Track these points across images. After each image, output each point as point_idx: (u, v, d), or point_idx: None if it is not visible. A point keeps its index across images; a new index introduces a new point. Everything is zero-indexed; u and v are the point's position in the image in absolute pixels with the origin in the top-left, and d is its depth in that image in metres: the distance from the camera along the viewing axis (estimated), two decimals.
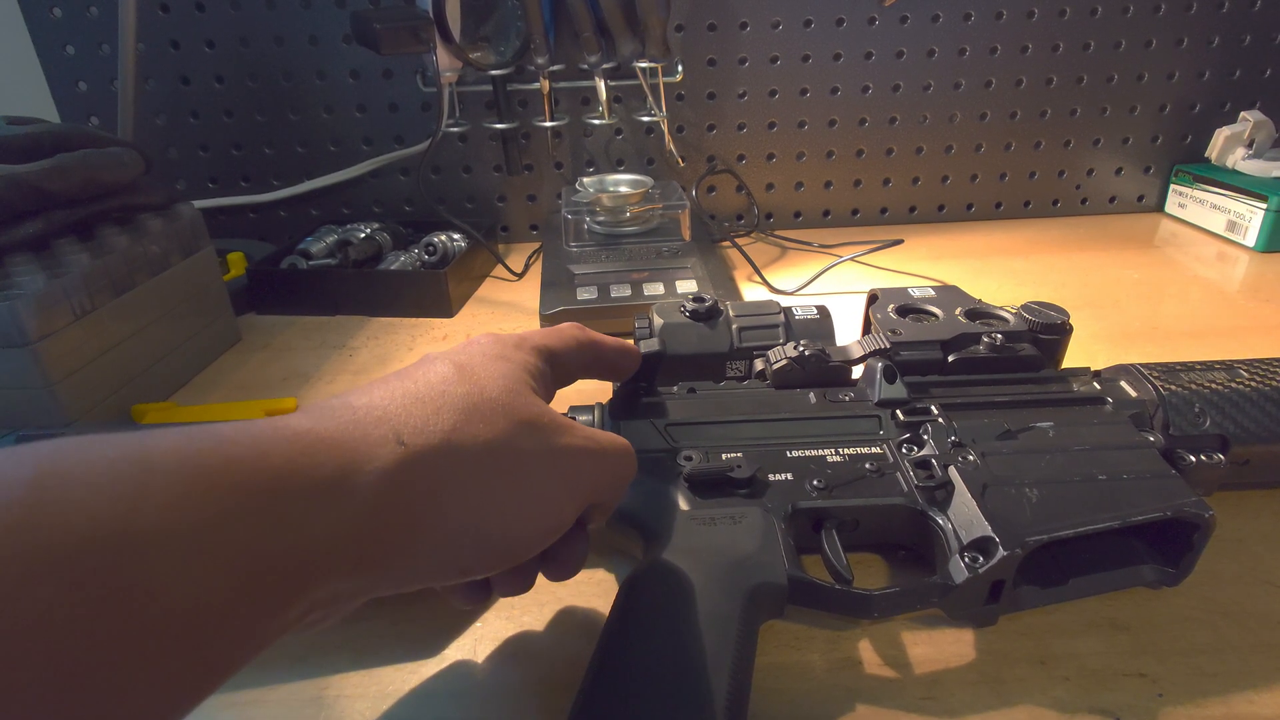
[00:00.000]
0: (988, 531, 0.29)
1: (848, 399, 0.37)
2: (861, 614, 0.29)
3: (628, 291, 0.60)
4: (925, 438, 0.34)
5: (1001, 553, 0.28)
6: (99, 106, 0.74)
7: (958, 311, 0.41)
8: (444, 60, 0.64)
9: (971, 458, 0.33)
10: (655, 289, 0.60)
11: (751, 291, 0.66)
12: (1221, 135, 0.77)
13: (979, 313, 0.41)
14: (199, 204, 0.60)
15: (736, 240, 0.74)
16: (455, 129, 0.75)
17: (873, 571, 0.34)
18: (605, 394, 0.39)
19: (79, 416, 0.44)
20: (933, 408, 0.36)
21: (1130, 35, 0.76)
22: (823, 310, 0.43)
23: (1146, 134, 0.81)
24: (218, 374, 0.56)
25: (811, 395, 0.38)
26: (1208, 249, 0.73)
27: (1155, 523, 0.30)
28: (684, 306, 0.42)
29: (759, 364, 0.40)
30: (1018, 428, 0.34)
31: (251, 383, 0.55)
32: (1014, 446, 0.34)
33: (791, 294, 0.64)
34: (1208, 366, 0.37)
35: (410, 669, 0.30)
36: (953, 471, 0.32)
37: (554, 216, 0.76)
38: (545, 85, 0.72)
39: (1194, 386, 0.36)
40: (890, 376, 0.37)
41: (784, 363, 0.38)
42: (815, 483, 0.33)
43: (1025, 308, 0.41)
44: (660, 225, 0.71)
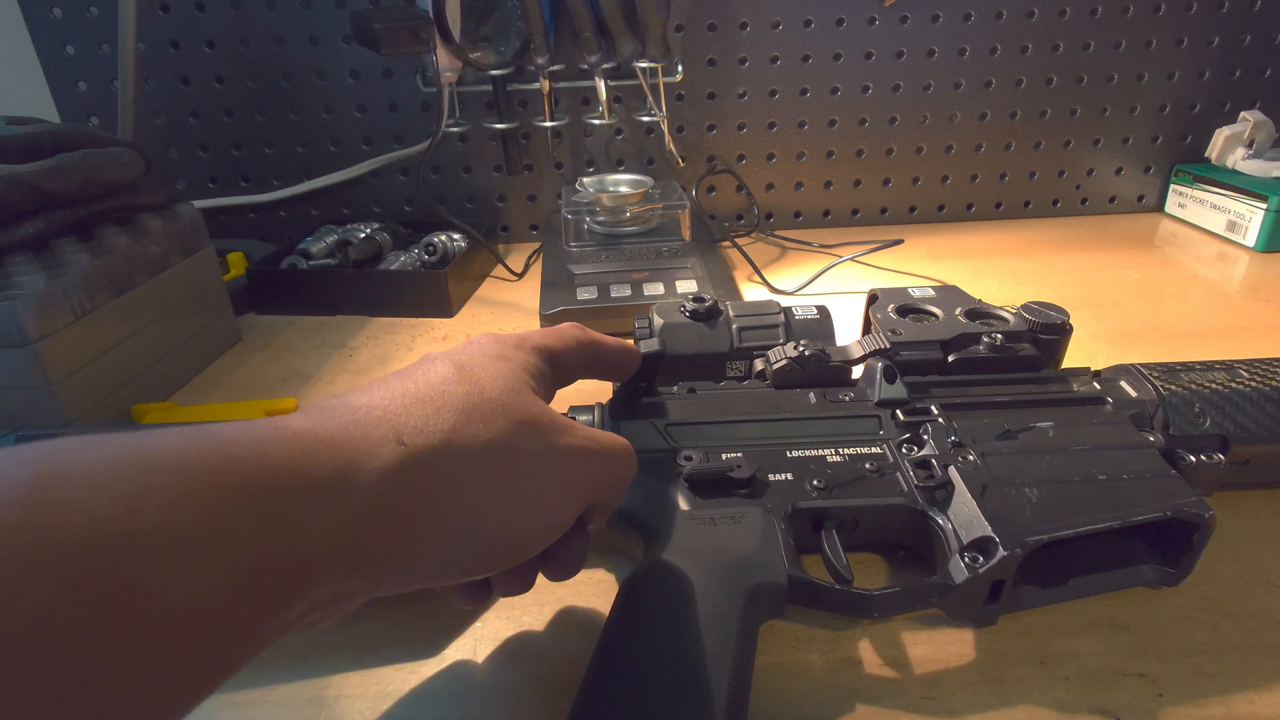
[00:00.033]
0: (988, 531, 0.29)
1: (848, 399, 0.37)
2: (861, 614, 0.29)
3: (628, 291, 0.60)
4: (925, 438, 0.34)
5: (1001, 553, 0.28)
6: (99, 106, 0.74)
7: (958, 311, 0.41)
8: (444, 60, 0.64)
9: (971, 458, 0.33)
10: (655, 289, 0.60)
11: (751, 291, 0.66)
12: (1221, 135, 0.77)
13: (979, 313, 0.41)
14: (199, 204, 0.60)
15: (736, 240, 0.74)
16: (455, 129, 0.75)
17: (873, 571, 0.34)
18: (605, 394, 0.39)
19: (79, 416, 0.44)
20: (933, 408, 0.36)
21: (1130, 35, 0.76)
22: (823, 310, 0.43)
23: (1146, 134, 0.81)
24: (218, 374, 0.56)
25: (811, 395, 0.38)
26: (1208, 249, 0.73)
27: (1155, 523, 0.30)
28: (684, 306, 0.42)
29: (759, 364, 0.40)
30: (1018, 428, 0.34)
31: (251, 383, 0.55)
32: (1014, 446, 0.34)
33: (791, 294, 0.64)
34: (1208, 366, 0.37)
35: (410, 669, 0.30)
36: (953, 471, 0.32)
37: (554, 216, 0.76)
38: (545, 85, 0.72)
39: (1194, 386, 0.36)
40: (890, 376, 0.37)
41: (784, 363, 0.38)
42: (815, 483, 0.33)
43: (1025, 308, 0.41)
44: (660, 225, 0.71)
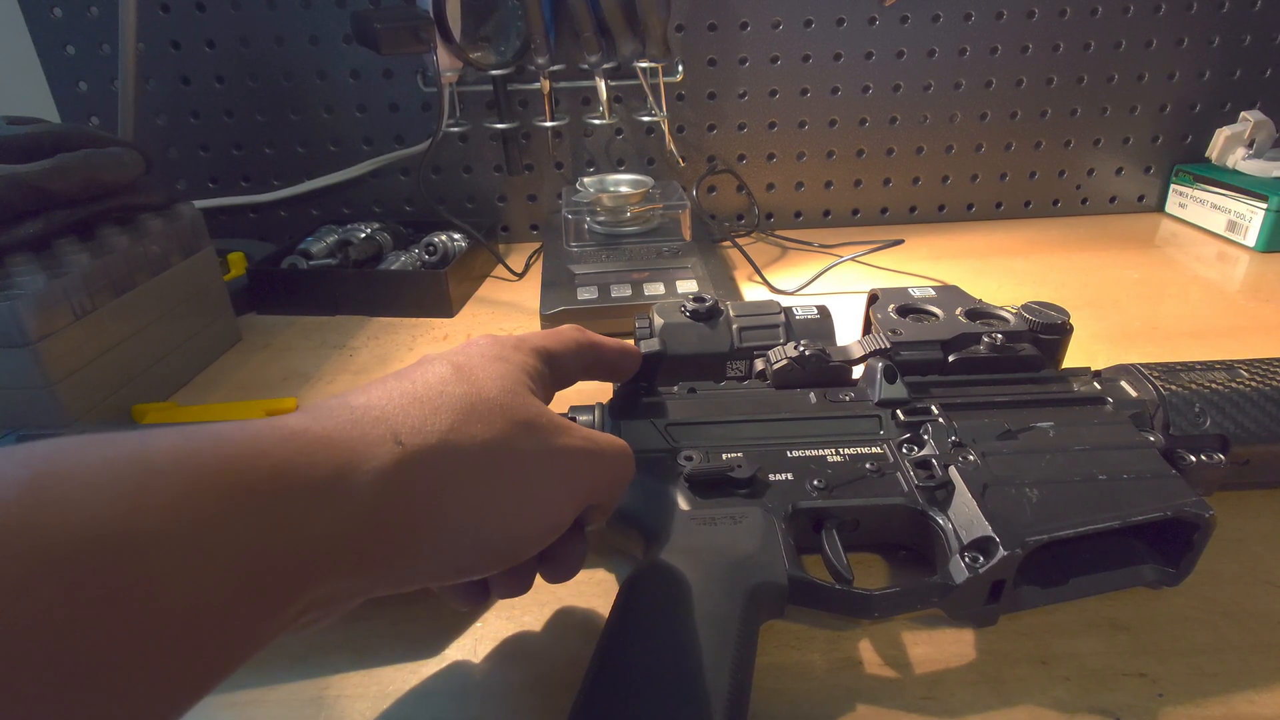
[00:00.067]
0: (988, 531, 0.29)
1: (848, 399, 0.37)
2: (862, 614, 0.29)
3: (628, 291, 0.60)
4: (925, 438, 0.34)
5: (1002, 553, 0.28)
6: (99, 106, 0.74)
7: (958, 311, 0.41)
8: (444, 60, 0.64)
9: (972, 458, 0.33)
10: (655, 289, 0.60)
11: (752, 291, 0.66)
12: (1222, 135, 0.77)
13: (979, 313, 0.41)
14: (199, 204, 0.60)
15: (737, 240, 0.74)
16: (455, 129, 0.75)
17: (873, 571, 0.34)
18: (606, 394, 0.39)
19: (79, 416, 0.44)
20: (933, 408, 0.36)
21: (1130, 35, 0.76)
22: (823, 310, 0.43)
23: (1147, 134, 0.81)
24: (218, 374, 0.56)
25: (812, 395, 0.38)
26: (1208, 249, 0.73)
27: (1155, 523, 0.30)
28: (684, 306, 0.42)
29: (759, 364, 0.40)
30: (1018, 428, 0.34)
31: (252, 383, 0.55)
32: (1014, 446, 0.34)
33: (792, 294, 0.64)
34: (1208, 366, 0.37)
35: (410, 669, 0.30)
36: (953, 471, 0.32)
37: (554, 216, 0.76)
38: (545, 85, 0.72)
39: (1194, 386, 0.36)
40: (890, 376, 0.37)
41: (784, 363, 0.38)
42: (815, 483, 0.33)
43: (1025, 308, 0.41)
44: (661, 225, 0.71)
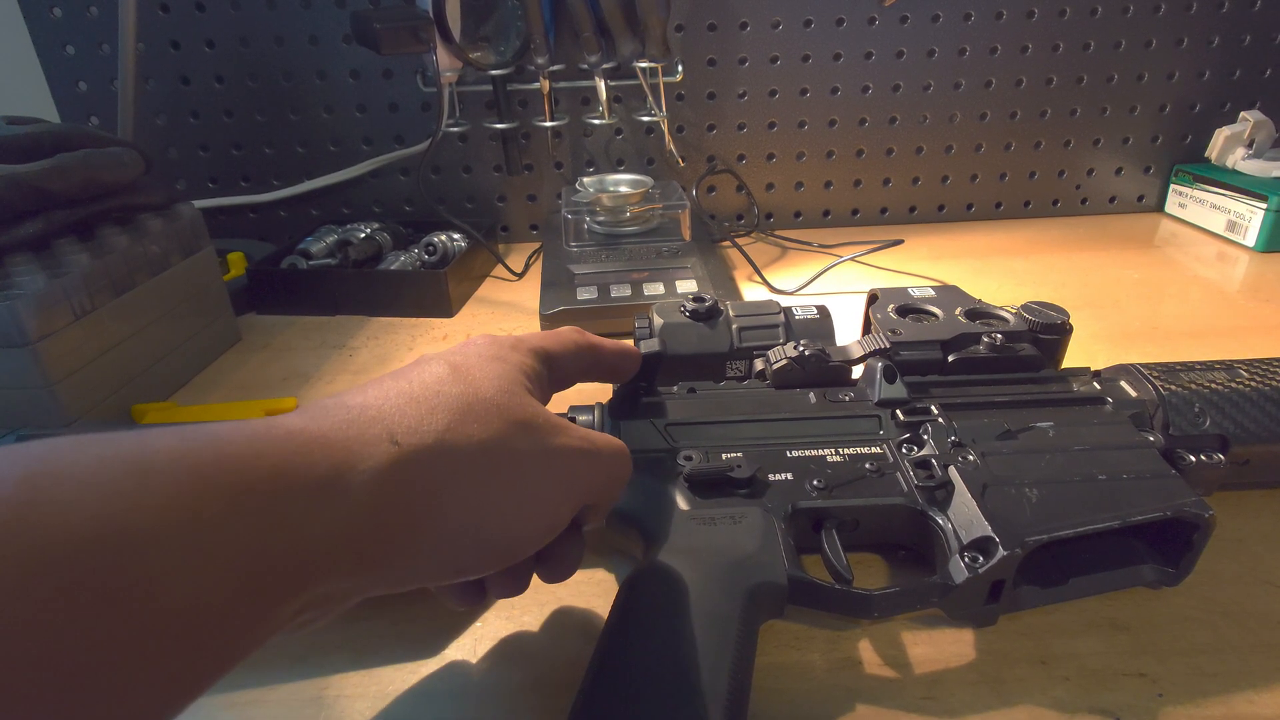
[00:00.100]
0: (988, 531, 0.29)
1: (848, 399, 0.37)
2: (861, 614, 0.29)
3: (628, 291, 0.60)
4: (925, 438, 0.34)
5: (1001, 553, 0.28)
6: (99, 106, 0.74)
7: (958, 311, 0.41)
8: (444, 60, 0.64)
9: (971, 458, 0.33)
10: (655, 289, 0.60)
11: (751, 291, 0.66)
12: (1221, 135, 0.77)
13: (979, 313, 0.41)
14: (199, 204, 0.60)
15: (736, 240, 0.74)
16: (455, 129, 0.75)
17: (873, 571, 0.34)
18: (606, 394, 0.39)
19: (79, 416, 0.44)
20: (933, 408, 0.36)
21: (1130, 35, 0.76)
22: (823, 310, 0.43)
23: (1146, 134, 0.81)
24: (218, 374, 0.56)
25: (811, 395, 0.38)
26: (1208, 249, 0.73)
27: (1155, 523, 0.30)
28: (684, 306, 0.42)
29: (759, 364, 0.40)
30: (1018, 428, 0.34)
31: (251, 383, 0.55)
32: (1014, 446, 0.34)
33: (791, 294, 0.64)
34: (1208, 366, 0.37)
35: (410, 669, 0.30)
36: (953, 471, 0.32)
37: (554, 216, 0.76)
38: (545, 85, 0.72)
39: (1194, 386, 0.36)
40: (890, 376, 0.37)
41: (784, 363, 0.38)
42: (815, 483, 0.33)
43: (1025, 308, 0.41)
44: (660, 225, 0.71)
